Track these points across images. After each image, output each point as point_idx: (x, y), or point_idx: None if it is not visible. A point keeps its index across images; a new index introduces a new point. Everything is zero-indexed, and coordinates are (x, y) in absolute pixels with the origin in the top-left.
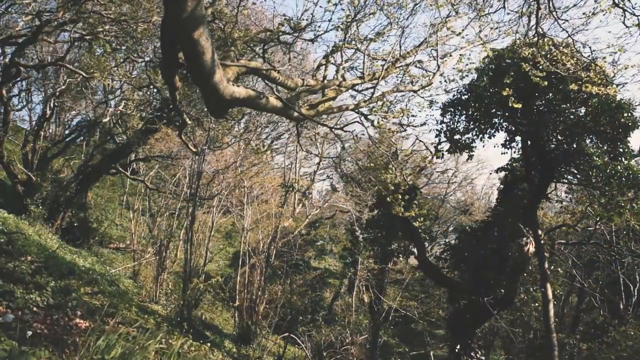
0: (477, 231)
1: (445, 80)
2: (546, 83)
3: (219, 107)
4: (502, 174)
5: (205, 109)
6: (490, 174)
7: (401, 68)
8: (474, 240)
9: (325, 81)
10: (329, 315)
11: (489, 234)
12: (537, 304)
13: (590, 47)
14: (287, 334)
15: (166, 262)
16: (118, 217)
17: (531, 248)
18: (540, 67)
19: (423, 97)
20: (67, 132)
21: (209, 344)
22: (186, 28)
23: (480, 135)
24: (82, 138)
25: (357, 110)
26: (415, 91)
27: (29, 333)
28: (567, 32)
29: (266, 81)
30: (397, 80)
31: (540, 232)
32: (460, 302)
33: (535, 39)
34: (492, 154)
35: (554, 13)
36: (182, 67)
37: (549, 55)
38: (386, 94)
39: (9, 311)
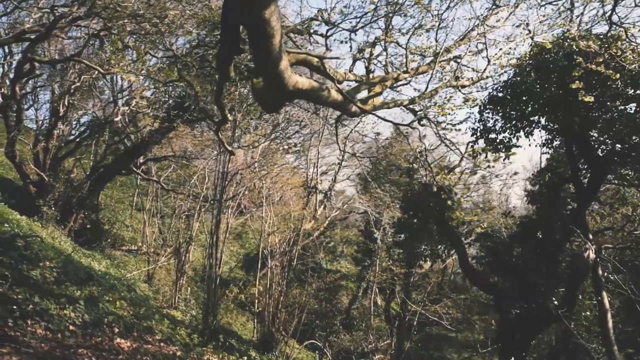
0: (519, 235)
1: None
2: (618, 76)
3: (278, 99)
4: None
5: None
6: (514, 174)
7: (443, 63)
8: (515, 245)
9: (371, 76)
10: (347, 320)
11: (530, 238)
12: (587, 314)
13: None
14: (310, 341)
15: (185, 267)
16: (128, 219)
17: (591, 254)
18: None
19: (464, 94)
20: (74, 131)
21: (237, 354)
22: (257, 5)
23: (517, 134)
24: (94, 138)
25: (408, 106)
26: (466, 86)
27: None
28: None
29: (316, 73)
30: (437, 76)
31: (590, 236)
32: (511, 311)
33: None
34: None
35: None
36: (241, 54)
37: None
38: (439, 89)
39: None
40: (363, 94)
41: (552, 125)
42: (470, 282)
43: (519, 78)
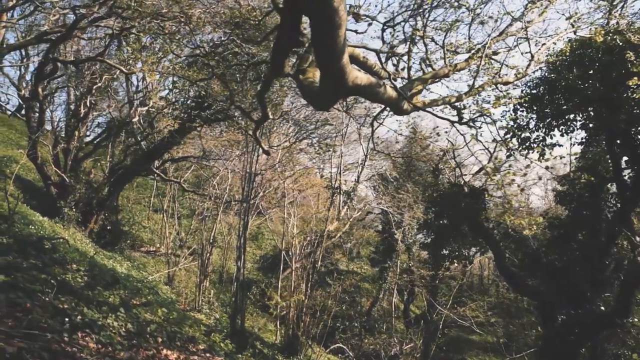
0: (559, 237)
1: (519, 73)
2: None
3: (335, 96)
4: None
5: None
6: (549, 167)
7: (481, 59)
8: (555, 247)
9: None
10: (367, 322)
11: (571, 241)
12: (636, 320)
13: None
14: (337, 344)
15: (209, 269)
16: (145, 220)
17: None
18: None
19: (502, 91)
20: (89, 132)
21: None
22: None
23: (551, 133)
24: (111, 139)
25: (453, 104)
26: (510, 83)
27: None
28: None
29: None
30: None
31: (638, 238)
32: (557, 318)
33: None
34: None
35: None
36: (300, 47)
37: None
38: (486, 86)
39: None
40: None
41: (591, 122)
42: (510, 287)
43: (553, 75)
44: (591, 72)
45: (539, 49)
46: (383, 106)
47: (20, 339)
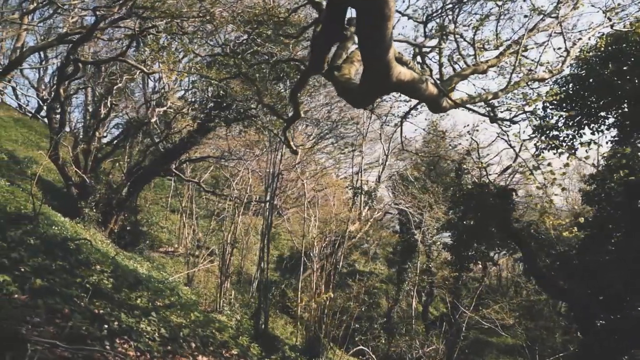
0: (592, 238)
1: (554, 69)
2: None
3: (376, 92)
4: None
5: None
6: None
7: (511, 55)
8: (585, 248)
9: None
10: (387, 324)
11: (604, 241)
12: None
13: None
14: (359, 347)
15: (230, 269)
16: (163, 220)
17: None
18: None
19: (532, 89)
20: (105, 133)
21: None
22: None
23: (581, 131)
24: (129, 139)
25: (489, 101)
26: (545, 79)
27: None
28: None
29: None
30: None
31: None
32: (596, 323)
33: None
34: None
35: None
36: (344, 41)
37: None
38: (521, 83)
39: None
40: None
41: (625, 120)
42: (543, 290)
43: (584, 71)
44: (626, 67)
45: (575, 44)
46: (413, 104)
47: (64, 348)
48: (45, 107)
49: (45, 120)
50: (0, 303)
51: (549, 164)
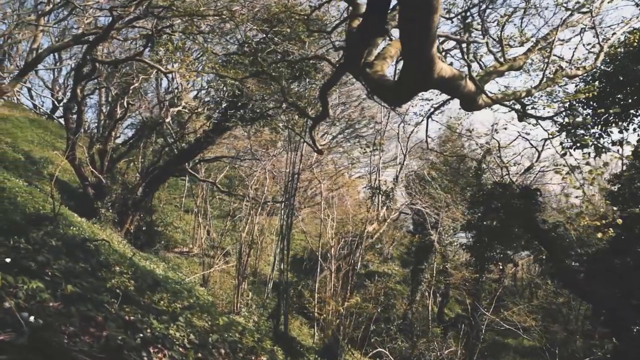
0: (622, 240)
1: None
2: None
3: (415, 90)
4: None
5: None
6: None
7: (537, 51)
8: (614, 250)
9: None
10: (404, 325)
11: (634, 243)
12: None
13: None
14: (378, 350)
15: (247, 270)
16: (177, 220)
17: None
18: None
19: (561, 87)
20: (119, 133)
21: None
22: None
23: (609, 129)
24: (143, 140)
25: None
26: (577, 76)
27: None
28: None
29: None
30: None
31: None
32: (632, 329)
33: None
34: None
35: None
36: (385, 35)
37: None
38: (556, 79)
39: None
40: None
41: None
42: (572, 293)
43: (612, 68)
44: None
45: (609, 39)
46: (437, 103)
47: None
48: (60, 108)
49: (61, 120)
50: (36, 311)
51: (587, 163)
